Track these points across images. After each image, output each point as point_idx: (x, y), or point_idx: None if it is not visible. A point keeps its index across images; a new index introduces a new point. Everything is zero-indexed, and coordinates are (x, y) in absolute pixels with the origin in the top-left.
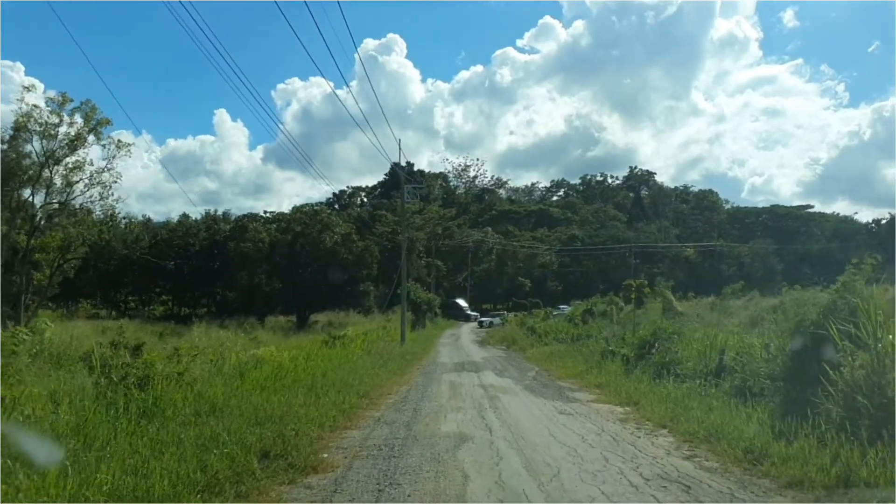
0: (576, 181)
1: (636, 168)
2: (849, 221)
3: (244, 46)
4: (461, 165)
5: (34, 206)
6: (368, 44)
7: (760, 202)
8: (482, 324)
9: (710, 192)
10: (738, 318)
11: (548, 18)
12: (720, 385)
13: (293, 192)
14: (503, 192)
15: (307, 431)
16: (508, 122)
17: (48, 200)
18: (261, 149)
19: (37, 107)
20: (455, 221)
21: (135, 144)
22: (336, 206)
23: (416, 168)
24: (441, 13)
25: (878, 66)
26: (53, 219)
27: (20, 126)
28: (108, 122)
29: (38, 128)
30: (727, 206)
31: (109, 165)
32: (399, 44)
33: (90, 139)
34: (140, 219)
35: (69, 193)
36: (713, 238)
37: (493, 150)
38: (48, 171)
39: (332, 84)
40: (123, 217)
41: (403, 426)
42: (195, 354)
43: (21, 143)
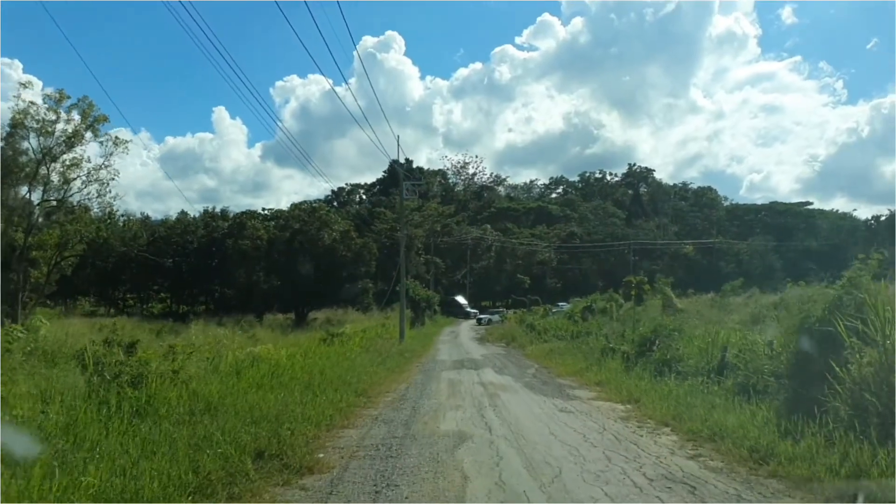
0: (575, 178)
1: (635, 165)
2: (848, 218)
3: (243, 44)
4: (460, 163)
5: (31, 204)
6: (367, 41)
7: (759, 199)
8: (481, 321)
9: (709, 189)
10: (739, 315)
11: (546, 16)
12: (722, 383)
13: (292, 190)
14: (502, 190)
15: (303, 431)
16: (507, 120)
17: (45, 198)
18: (259, 146)
19: (33, 103)
20: (454, 219)
21: (132, 141)
22: (335, 204)
23: (415, 165)
24: (440, 10)
25: (877, 64)
26: (51, 216)
27: (17, 123)
28: (106, 119)
29: (35, 125)
30: (726, 203)
31: (107, 162)
32: (398, 41)
33: (87, 136)
34: (138, 216)
35: (66, 191)
36: (712, 235)
37: (492, 148)
38: (45, 169)
39: (332, 81)
40: (122, 215)
41: (402, 425)
42: (190, 352)
43: (18, 140)
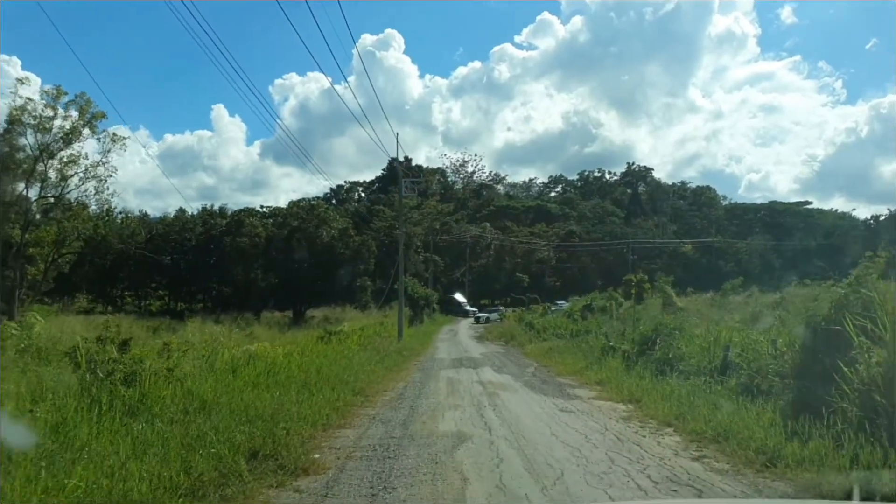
0: (573, 177)
1: (634, 164)
2: (847, 218)
3: (242, 42)
4: (459, 161)
5: (28, 200)
6: (366, 39)
7: (757, 199)
8: (479, 319)
9: (708, 189)
10: (740, 314)
11: (546, 15)
12: (725, 382)
13: (290, 188)
14: (501, 188)
15: (299, 430)
16: (506, 119)
17: (42, 194)
18: (258, 144)
19: (31, 100)
20: (453, 217)
21: (130, 138)
22: (333, 202)
23: (414, 163)
24: (439, 9)
25: (876, 64)
26: (48, 213)
27: (14, 119)
28: (104, 116)
29: (33, 121)
30: (724, 203)
31: (104, 159)
32: (397, 39)
33: (85, 133)
34: (137, 214)
35: (64, 187)
36: (711, 234)
37: (491, 146)
38: (42, 165)
39: (331, 79)
40: (120, 212)
41: (399, 425)
42: (185, 350)
43: (15, 137)
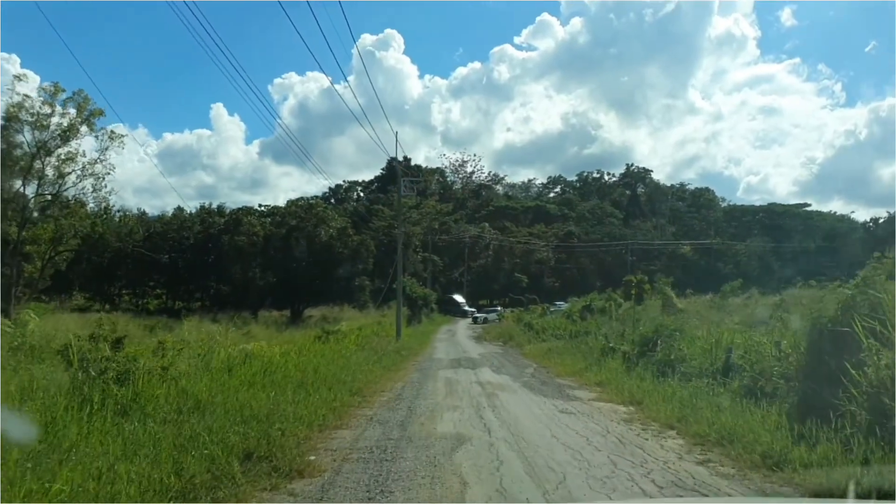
0: (572, 178)
1: (633, 165)
2: (846, 220)
3: (242, 41)
4: (458, 161)
5: (25, 198)
6: (366, 39)
7: (756, 201)
8: (476, 320)
9: (707, 191)
10: (739, 316)
11: (546, 16)
12: (728, 384)
13: (289, 187)
14: (500, 189)
15: (294, 431)
16: (506, 119)
17: (40, 192)
18: (257, 143)
19: (28, 97)
20: (452, 217)
21: (128, 136)
22: (332, 201)
23: (413, 163)
24: (439, 9)
25: (876, 67)
26: (45, 210)
27: (11, 116)
28: (101, 113)
29: (30, 118)
30: (723, 205)
31: (102, 157)
32: (397, 39)
33: (83, 130)
34: (135, 212)
35: (61, 185)
36: (710, 236)
37: (491, 147)
38: (40, 162)
39: (331, 78)
40: (118, 210)
41: (397, 426)
42: (180, 348)
43: (12, 134)
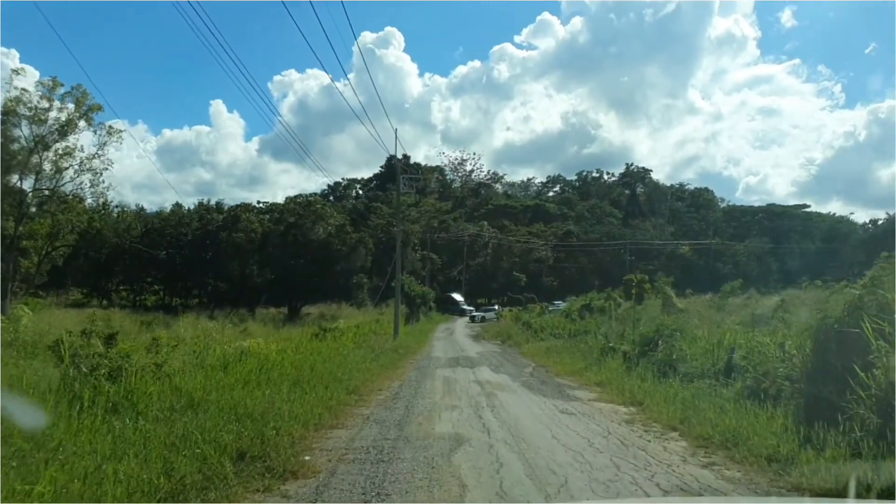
0: (572, 177)
1: (632, 165)
2: (845, 221)
3: (242, 38)
4: (458, 160)
5: (23, 192)
6: (366, 37)
7: (755, 201)
8: (474, 318)
9: (706, 191)
10: (739, 316)
11: (546, 15)
12: (731, 385)
13: (288, 185)
14: (499, 187)
15: (289, 430)
16: (505, 118)
17: (37, 186)
18: (256, 140)
19: (26, 90)
20: (451, 215)
21: (126, 131)
22: (331, 198)
23: (413, 161)
24: (439, 8)
25: (875, 68)
26: (43, 205)
27: (8, 110)
28: (100, 108)
29: (28, 112)
30: (722, 205)
31: (100, 152)
32: (397, 37)
33: (81, 125)
34: (133, 208)
35: (59, 180)
36: (709, 236)
37: (490, 146)
38: (37, 157)
39: (331, 76)
40: (116, 206)
41: (394, 426)
42: (175, 345)
43: (9, 128)
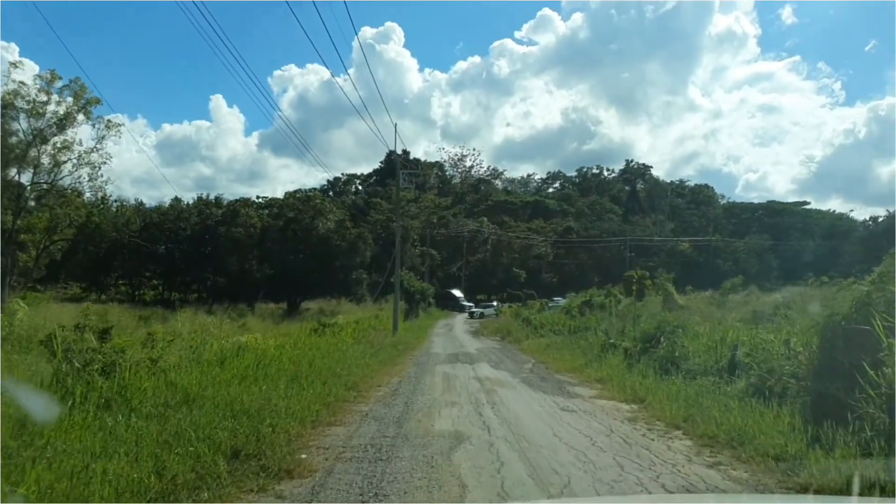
0: (572, 174)
1: (632, 162)
2: (845, 219)
3: (242, 33)
4: (457, 155)
5: (21, 186)
6: (366, 32)
7: (755, 198)
8: (473, 314)
9: (706, 188)
10: (740, 313)
11: (546, 11)
12: (734, 383)
13: (288, 179)
14: (499, 183)
15: (286, 427)
16: (505, 114)
17: (35, 180)
18: (256, 135)
19: (24, 83)
20: (450, 211)
21: (123, 126)
22: (330, 194)
23: (413, 157)
24: (439, 3)
25: (875, 65)
26: (41, 199)
27: (7, 103)
28: (98, 102)
29: (26, 105)
30: (722, 202)
31: (99, 146)
32: (397, 32)
33: (79, 118)
34: (132, 202)
35: (57, 174)
36: (708, 233)
37: (490, 142)
38: (35, 151)
39: (331, 71)
40: (115, 200)
41: (393, 423)
42: (171, 340)
43: (8, 121)
